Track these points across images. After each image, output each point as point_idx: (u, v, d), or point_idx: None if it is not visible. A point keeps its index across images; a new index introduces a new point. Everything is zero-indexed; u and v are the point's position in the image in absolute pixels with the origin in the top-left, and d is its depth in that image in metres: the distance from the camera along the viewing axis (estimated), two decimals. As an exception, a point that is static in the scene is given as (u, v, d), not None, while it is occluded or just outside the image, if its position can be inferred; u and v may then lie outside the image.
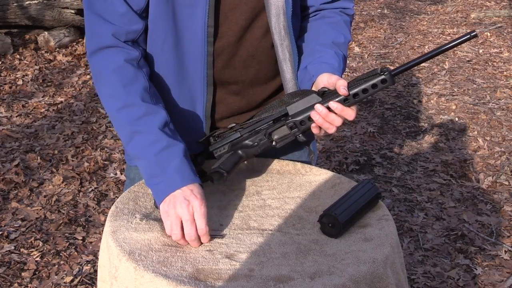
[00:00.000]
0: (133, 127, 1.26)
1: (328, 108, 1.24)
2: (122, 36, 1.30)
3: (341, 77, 1.30)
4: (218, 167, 1.29)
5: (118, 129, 1.31)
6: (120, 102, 1.27)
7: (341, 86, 1.23)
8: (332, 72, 1.31)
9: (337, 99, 1.24)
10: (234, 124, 1.36)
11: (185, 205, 1.17)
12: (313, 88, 1.34)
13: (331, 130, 1.26)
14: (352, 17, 1.51)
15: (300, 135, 1.29)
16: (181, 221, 1.17)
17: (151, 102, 1.29)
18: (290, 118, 1.28)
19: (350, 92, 1.24)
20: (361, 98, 1.25)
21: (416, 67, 5.20)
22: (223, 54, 1.35)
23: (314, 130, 1.28)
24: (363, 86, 1.24)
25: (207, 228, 1.17)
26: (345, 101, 1.24)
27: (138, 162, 1.29)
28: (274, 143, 1.31)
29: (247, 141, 1.32)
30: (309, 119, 1.27)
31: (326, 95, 1.27)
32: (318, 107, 1.24)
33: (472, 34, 1.21)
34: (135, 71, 1.30)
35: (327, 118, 1.24)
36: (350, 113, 1.25)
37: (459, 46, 5.75)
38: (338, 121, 1.25)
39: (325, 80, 1.29)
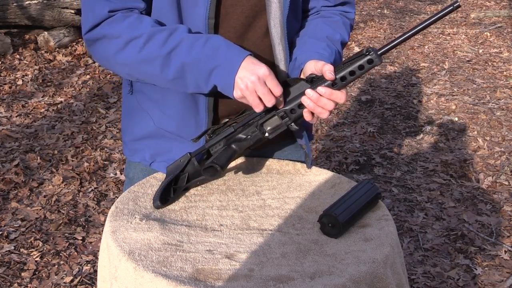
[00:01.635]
0: (165, 49, 1.24)
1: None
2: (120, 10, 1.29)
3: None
4: (211, 162, 1.29)
5: (148, 66, 1.27)
6: (140, 40, 1.25)
7: (327, 70, 1.23)
8: (318, 59, 1.31)
9: (325, 84, 1.24)
10: (227, 120, 1.36)
11: (255, 79, 1.21)
12: (301, 76, 1.33)
13: (324, 114, 1.26)
14: (353, 21, 1.51)
15: (292, 124, 1.28)
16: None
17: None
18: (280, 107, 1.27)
19: (337, 76, 1.24)
20: (349, 81, 1.25)
21: (416, 67, 5.20)
22: None
23: (307, 117, 1.27)
24: (350, 68, 1.24)
25: (281, 88, 1.22)
26: (333, 85, 1.24)
27: (186, 76, 1.26)
28: (266, 134, 1.30)
29: (240, 135, 1.32)
30: (300, 106, 1.26)
31: (315, 81, 1.26)
32: (309, 91, 1.24)
33: (455, 5, 1.20)
34: (136, 15, 1.29)
35: (318, 103, 1.24)
36: (340, 96, 1.24)
37: (459, 46, 5.75)
38: (330, 105, 1.25)
39: (312, 66, 1.29)
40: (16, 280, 2.51)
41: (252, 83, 1.21)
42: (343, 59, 1.39)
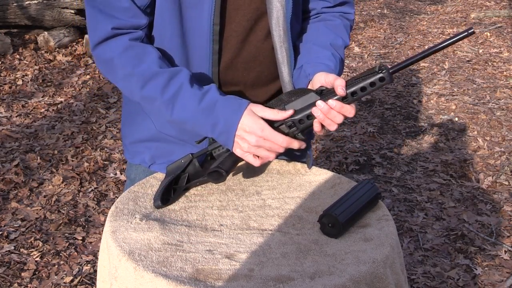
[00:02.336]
0: (166, 95, 1.26)
1: None
2: (125, 30, 1.29)
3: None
4: (216, 167, 1.29)
5: (150, 105, 1.30)
6: (142, 78, 1.26)
7: (339, 86, 1.24)
8: (328, 72, 1.32)
9: (335, 97, 1.25)
10: None
11: (253, 136, 1.23)
12: (310, 87, 1.34)
13: (332, 127, 1.27)
14: (353, 22, 1.52)
15: (299, 134, 1.29)
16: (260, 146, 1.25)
17: (169, 66, 1.29)
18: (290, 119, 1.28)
19: (348, 91, 1.24)
20: (360, 96, 1.25)
21: (416, 67, 5.20)
22: (227, 54, 1.35)
23: (316, 128, 1.28)
24: (361, 85, 1.24)
25: (284, 138, 1.25)
26: (344, 100, 1.25)
27: (187, 125, 1.29)
28: None
29: None
30: (308, 117, 1.27)
31: (325, 93, 1.27)
32: (320, 103, 1.24)
33: (469, 31, 1.21)
34: (143, 45, 1.30)
35: (328, 115, 1.25)
36: (349, 110, 1.25)
37: (459, 46, 5.75)
38: (339, 118, 1.26)
39: (322, 79, 1.30)
40: (16, 280, 2.51)
41: (253, 146, 1.25)
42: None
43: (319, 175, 1.44)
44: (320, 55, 1.38)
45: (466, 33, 1.21)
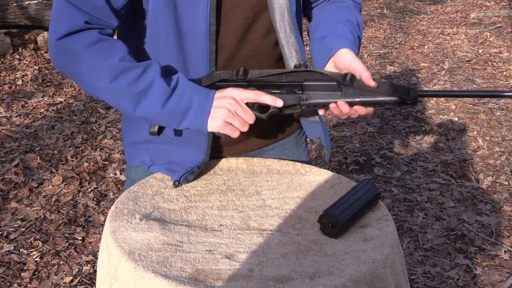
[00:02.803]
0: (135, 89, 1.24)
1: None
2: (96, 25, 1.26)
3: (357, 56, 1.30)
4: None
5: (117, 98, 1.27)
6: (112, 71, 1.23)
7: (366, 78, 1.23)
8: (350, 47, 1.30)
9: (357, 100, 1.23)
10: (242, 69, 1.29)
11: (226, 111, 1.25)
12: (330, 63, 1.32)
13: (342, 117, 1.29)
14: (360, 5, 1.51)
15: (303, 113, 1.28)
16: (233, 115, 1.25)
17: (135, 60, 1.27)
18: (305, 99, 1.26)
19: (373, 99, 1.23)
20: (378, 106, 1.25)
21: (415, 67, 5.21)
22: (225, 53, 1.35)
23: (321, 112, 1.29)
24: (386, 99, 1.22)
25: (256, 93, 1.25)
26: (364, 105, 1.24)
27: (151, 122, 1.30)
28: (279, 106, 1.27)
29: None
30: (324, 106, 1.26)
31: (346, 89, 1.24)
32: (342, 104, 1.24)
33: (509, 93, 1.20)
34: (113, 39, 1.28)
35: (344, 112, 1.25)
36: (368, 111, 1.27)
37: (458, 46, 5.75)
38: (354, 115, 1.27)
39: (347, 61, 1.28)
40: (16, 280, 2.51)
41: (229, 111, 1.25)
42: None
43: (319, 175, 1.44)
44: (340, 28, 1.36)
45: (504, 94, 1.21)
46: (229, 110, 1.25)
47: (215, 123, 1.26)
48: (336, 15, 1.41)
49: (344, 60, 1.29)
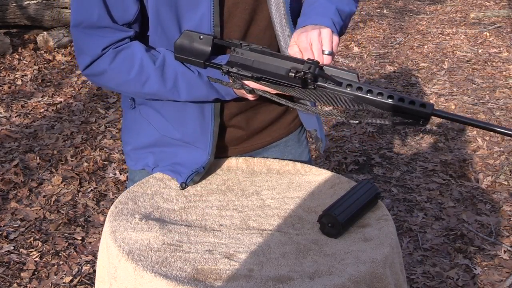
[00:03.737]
0: (168, 85, 1.30)
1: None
2: (112, 45, 1.30)
3: (336, 30, 1.25)
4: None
5: (155, 97, 1.34)
6: (138, 80, 1.29)
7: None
8: (320, 23, 1.25)
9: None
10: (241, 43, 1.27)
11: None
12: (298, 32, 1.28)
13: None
14: None
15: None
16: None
17: (155, 56, 1.30)
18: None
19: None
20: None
21: (415, 67, 5.21)
22: (228, 49, 1.35)
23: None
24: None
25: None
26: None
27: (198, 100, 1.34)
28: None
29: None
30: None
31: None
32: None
33: None
34: (127, 46, 1.30)
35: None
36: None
37: (458, 46, 5.75)
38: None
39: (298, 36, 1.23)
40: (16, 280, 2.51)
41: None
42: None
43: (319, 175, 1.44)
44: (318, 7, 1.31)
45: None
46: None
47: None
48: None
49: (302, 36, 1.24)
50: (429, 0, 7.63)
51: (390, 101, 1.13)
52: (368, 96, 1.15)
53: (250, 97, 1.30)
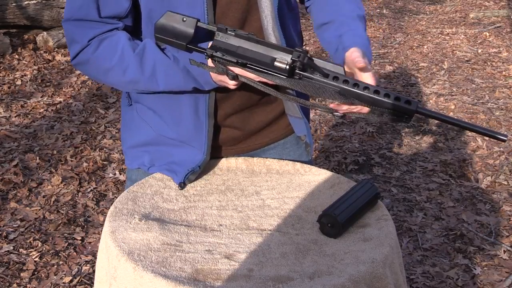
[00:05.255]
0: (146, 73, 1.30)
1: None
2: (99, 35, 1.33)
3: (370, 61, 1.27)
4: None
5: (137, 86, 1.35)
6: (120, 68, 1.31)
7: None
8: (362, 48, 1.26)
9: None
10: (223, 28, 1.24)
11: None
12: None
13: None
14: None
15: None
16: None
17: (137, 44, 1.32)
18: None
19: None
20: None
21: (415, 67, 5.21)
22: None
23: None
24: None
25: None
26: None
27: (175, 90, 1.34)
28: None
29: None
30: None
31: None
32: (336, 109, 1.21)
33: (502, 137, 1.10)
34: (111, 34, 1.32)
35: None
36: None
37: (458, 46, 5.75)
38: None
39: (352, 57, 1.24)
40: (15, 280, 2.51)
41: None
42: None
43: (318, 175, 1.44)
44: (352, 26, 1.34)
45: (500, 137, 1.10)
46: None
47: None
48: (344, 10, 1.39)
49: (349, 56, 1.25)
50: (428, 0, 7.63)
51: (376, 96, 1.13)
52: (355, 89, 1.15)
53: (231, 85, 1.27)
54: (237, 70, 1.21)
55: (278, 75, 1.18)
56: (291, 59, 1.16)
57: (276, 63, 1.17)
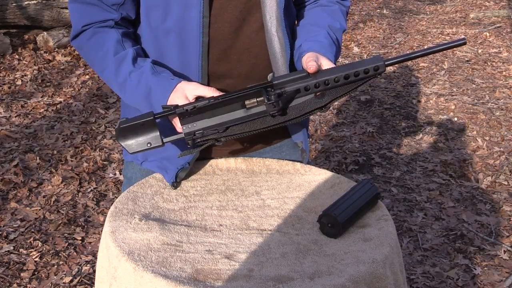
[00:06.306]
0: (119, 80, 1.35)
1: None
2: (95, 24, 1.39)
3: (333, 60, 1.31)
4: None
5: (110, 85, 1.41)
6: (100, 64, 1.38)
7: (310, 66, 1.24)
8: (319, 50, 1.32)
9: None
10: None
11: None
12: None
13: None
14: (348, 9, 1.54)
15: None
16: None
17: (127, 47, 1.36)
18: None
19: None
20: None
21: (415, 67, 5.20)
22: (218, 45, 1.35)
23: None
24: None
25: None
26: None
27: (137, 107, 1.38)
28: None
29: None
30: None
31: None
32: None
33: (461, 42, 1.23)
34: (105, 30, 1.38)
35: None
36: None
37: (457, 47, 5.75)
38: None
39: (305, 58, 1.29)
40: (16, 280, 2.51)
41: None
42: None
43: (319, 175, 1.44)
44: (317, 33, 1.40)
45: (459, 42, 1.23)
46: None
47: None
48: (317, 21, 1.44)
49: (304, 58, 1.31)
50: (429, 0, 7.63)
51: (349, 79, 1.22)
52: (329, 86, 1.22)
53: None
54: (223, 137, 1.24)
55: (260, 117, 1.23)
56: (261, 101, 1.21)
57: (251, 111, 1.22)
